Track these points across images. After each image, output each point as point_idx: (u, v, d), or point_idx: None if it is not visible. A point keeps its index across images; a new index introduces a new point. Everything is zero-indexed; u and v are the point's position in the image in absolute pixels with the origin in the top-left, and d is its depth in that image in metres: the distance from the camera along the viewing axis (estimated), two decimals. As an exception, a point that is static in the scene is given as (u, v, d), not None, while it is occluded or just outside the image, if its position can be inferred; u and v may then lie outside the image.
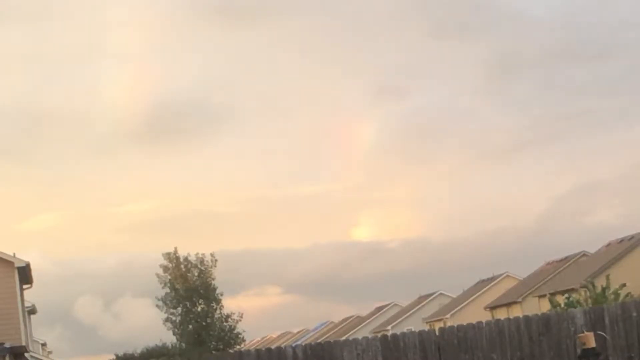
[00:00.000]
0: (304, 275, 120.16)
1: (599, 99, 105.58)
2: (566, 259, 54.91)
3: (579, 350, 15.58)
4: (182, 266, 46.41)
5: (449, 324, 53.62)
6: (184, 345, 43.68)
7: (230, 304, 47.72)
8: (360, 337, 16.36)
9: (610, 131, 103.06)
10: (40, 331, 50.14)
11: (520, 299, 52.52)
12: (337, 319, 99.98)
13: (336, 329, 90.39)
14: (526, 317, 16.53)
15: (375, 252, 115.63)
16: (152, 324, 60.27)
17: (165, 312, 46.19)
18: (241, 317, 46.76)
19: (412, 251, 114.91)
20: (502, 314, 50.26)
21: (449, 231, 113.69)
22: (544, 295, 43.82)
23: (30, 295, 34.99)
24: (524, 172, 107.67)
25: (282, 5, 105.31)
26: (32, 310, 37.64)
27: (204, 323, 45.51)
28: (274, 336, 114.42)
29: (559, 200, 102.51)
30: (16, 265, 28.67)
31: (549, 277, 52.52)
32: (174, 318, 45.99)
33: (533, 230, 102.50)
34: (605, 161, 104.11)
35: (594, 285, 34.49)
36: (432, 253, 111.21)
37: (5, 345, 25.08)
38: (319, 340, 43.34)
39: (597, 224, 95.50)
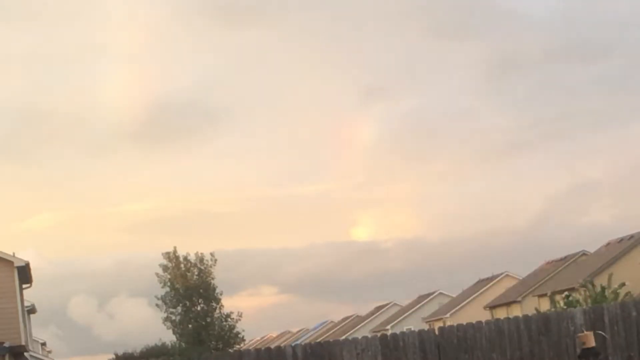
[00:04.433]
0: (302, 275, 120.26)
1: (598, 99, 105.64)
2: (566, 258, 54.90)
3: (578, 350, 15.58)
4: (181, 265, 46.48)
5: (448, 323, 53.63)
6: (183, 344, 43.69)
7: (228, 304, 47.75)
8: (359, 337, 16.36)
9: (609, 131, 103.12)
10: (40, 331, 50.15)
11: (519, 299, 52.51)
12: (336, 318, 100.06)
13: (336, 329, 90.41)
14: (526, 317, 16.53)
15: (374, 252, 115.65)
16: (151, 324, 60.26)
17: (164, 312, 46.28)
18: (240, 316, 46.87)
19: (411, 251, 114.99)
20: (501, 314, 50.27)
21: (447, 231, 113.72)
22: (544, 295, 43.82)
23: (30, 295, 35.00)
24: (523, 172, 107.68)
25: (282, 6, 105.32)
26: (32, 310, 37.62)
27: (203, 322, 45.57)
28: (274, 335, 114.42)
29: (559, 200, 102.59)
30: (16, 264, 28.66)
31: (548, 277, 52.52)
32: (173, 317, 46.06)
33: (532, 230, 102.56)
34: (604, 161, 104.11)
35: (593, 285, 34.52)
36: (431, 253, 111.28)
37: (4, 345, 25.10)
38: (318, 340, 43.35)
39: (596, 224, 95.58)
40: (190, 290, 45.94)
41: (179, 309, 46.17)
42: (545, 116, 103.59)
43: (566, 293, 36.87)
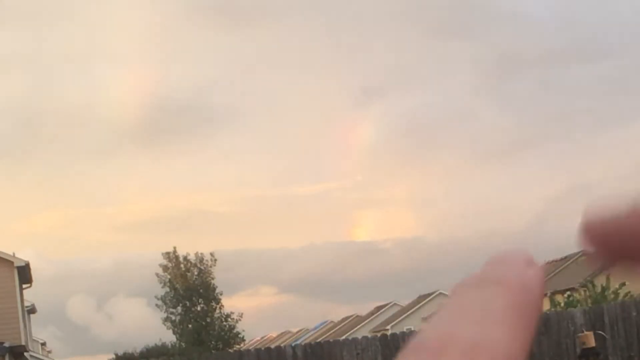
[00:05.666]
0: (302, 275, 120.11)
1: (598, 99, 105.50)
2: (566, 258, 54.88)
3: (578, 350, 15.57)
4: (181, 265, 46.49)
5: (448, 323, 53.50)
6: (183, 344, 43.70)
7: (228, 304, 47.78)
8: (359, 337, 16.36)
9: (609, 131, 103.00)
10: (40, 331, 50.17)
11: (519, 299, 52.54)
12: (336, 318, 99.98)
13: (336, 329, 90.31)
14: (526, 317, 16.53)
15: (374, 252, 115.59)
16: (151, 324, 60.26)
17: (164, 312, 46.29)
18: (241, 317, 46.87)
19: (411, 251, 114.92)
20: (501, 314, 50.25)
21: (447, 231, 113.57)
22: (544, 295, 43.81)
23: (30, 295, 35.00)
24: (523, 172, 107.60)
25: (282, 5, 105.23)
26: (32, 310, 37.61)
27: (203, 322, 45.56)
28: (274, 335, 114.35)
29: (558, 200, 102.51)
30: (16, 264, 28.66)
31: (548, 277, 52.55)
32: (173, 317, 46.06)
33: (532, 230, 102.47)
34: (603, 161, 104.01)
35: (593, 285, 34.49)
36: (431, 252, 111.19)
37: (4, 345, 25.09)
38: (318, 340, 43.31)
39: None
40: (190, 291, 45.93)
41: (179, 309, 46.15)
42: (545, 116, 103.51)
43: (568, 293, 36.87)
